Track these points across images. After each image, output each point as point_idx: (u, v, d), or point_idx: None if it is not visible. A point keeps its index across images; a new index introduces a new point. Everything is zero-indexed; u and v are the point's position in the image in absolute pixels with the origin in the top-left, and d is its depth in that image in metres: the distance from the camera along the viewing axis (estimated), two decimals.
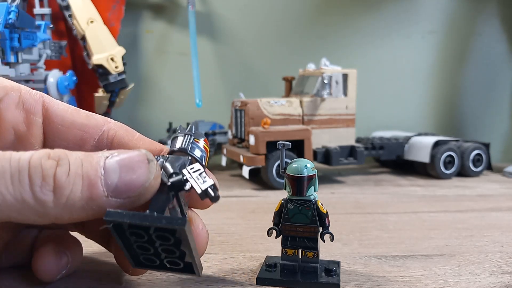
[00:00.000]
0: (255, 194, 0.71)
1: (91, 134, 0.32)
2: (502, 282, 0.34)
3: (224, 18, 1.05)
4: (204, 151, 0.32)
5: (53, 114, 0.32)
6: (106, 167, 0.26)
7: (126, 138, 0.33)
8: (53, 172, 0.25)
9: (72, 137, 0.32)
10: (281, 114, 0.79)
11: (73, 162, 0.26)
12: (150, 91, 1.04)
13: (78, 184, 0.25)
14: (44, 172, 0.25)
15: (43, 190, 0.25)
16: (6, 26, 0.66)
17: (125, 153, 0.27)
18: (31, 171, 0.25)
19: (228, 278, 0.36)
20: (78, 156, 0.26)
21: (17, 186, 0.24)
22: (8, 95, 0.30)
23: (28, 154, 0.25)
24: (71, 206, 0.25)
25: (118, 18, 0.91)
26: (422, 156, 0.84)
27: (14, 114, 0.30)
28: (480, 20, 1.12)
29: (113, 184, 0.26)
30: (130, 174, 0.26)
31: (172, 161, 0.30)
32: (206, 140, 0.32)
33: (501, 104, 1.14)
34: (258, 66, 1.07)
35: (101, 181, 0.26)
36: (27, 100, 0.31)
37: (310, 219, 0.35)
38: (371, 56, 1.09)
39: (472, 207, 0.60)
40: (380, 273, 0.36)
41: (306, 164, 0.34)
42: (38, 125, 0.31)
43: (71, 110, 0.32)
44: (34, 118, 0.31)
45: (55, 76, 0.77)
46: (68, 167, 0.25)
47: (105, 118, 0.34)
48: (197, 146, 0.31)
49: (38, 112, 0.31)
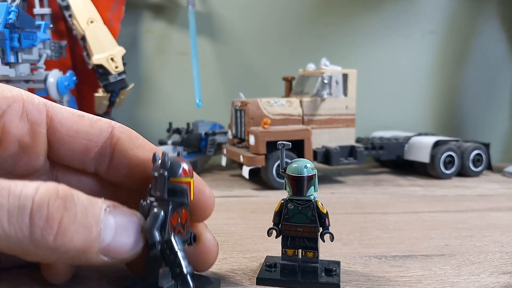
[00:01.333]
0: (255, 194, 0.71)
1: (95, 142, 0.32)
2: (502, 282, 0.34)
3: (224, 18, 1.05)
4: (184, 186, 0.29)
5: (58, 124, 0.31)
6: (104, 223, 0.26)
7: (127, 146, 0.32)
8: (60, 217, 0.24)
9: (77, 146, 0.31)
10: (281, 114, 0.79)
11: (80, 208, 0.25)
12: (150, 91, 1.04)
13: (80, 234, 0.24)
14: (50, 215, 0.23)
15: (44, 233, 0.23)
16: (6, 26, 0.66)
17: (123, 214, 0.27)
18: (35, 210, 0.23)
19: (228, 278, 0.36)
20: (83, 201, 0.25)
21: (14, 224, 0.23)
22: (11, 107, 0.29)
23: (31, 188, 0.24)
24: (64, 252, 0.24)
25: (118, 18, 0.91)
26: (422, 156, 0.84)
27: (18, 126, 0.29)
28: (480, 20, 1.12)
29: (105, 243, 0.26)
30: (123, 238, 0.27)
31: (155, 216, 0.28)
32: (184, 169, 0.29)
33: (501, 104, 1.14)
34: (258, 66, 1.07)
35: (99, 236, 0.26)
36: (31, 111, 0.30)
37: (310, 219, 0.35)
38: (371, 56, 1.09)
39: (472, 207, 0.60)
40: (380, 273, 0.36)
41: (306, 164, 0.34)
42: (42, 136, 0.31)
43: (75, 118, 0.32)
44: (38, 129, 0.30)
45: (55, 76, 0.77)
46: (75, 213, 0.24)
47: (109, 123, 0.33)
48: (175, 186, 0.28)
49: (43, 122, 0.31)
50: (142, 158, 0.32)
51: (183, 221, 0.30)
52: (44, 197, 0.24)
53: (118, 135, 0.32)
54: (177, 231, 0.29)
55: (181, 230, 0.30)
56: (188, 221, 0.31)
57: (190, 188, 0.29)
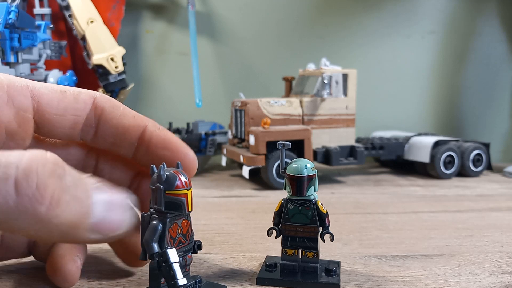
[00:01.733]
0: (255, 194, 0.71)
1: (82, 116, 0.32)
2: (502, 282, 0.34)
3: (224, 18, 1.05)
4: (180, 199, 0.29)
5: (45, 105, 0.30)
6: (94, 198, 0.26)
7: (112, 115, 0.32)
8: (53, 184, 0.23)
9: (67, 123, 0.31)
10: (281, 114, 0.79)
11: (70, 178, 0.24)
12: (150, 91, 1.05)
13: (72, 207, 0.24)
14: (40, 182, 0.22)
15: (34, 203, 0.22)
16: (6, 26, 0.66)
17: (114, 190, 0.27)
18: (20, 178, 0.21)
19: (228, 278, 0.36)
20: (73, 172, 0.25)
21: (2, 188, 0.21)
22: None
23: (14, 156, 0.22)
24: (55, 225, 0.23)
25: (118, 18, 0.91)
26: (422, 156, 0.84)
27: (4, 114, 0.29)
28: (480, 20, 1.12)
29: (96, 219, 0.25)
30: (115, 215, 0.27)
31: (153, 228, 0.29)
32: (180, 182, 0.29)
33: (501, 104, 1.14)
34: (258, 66, 1.07)
35: (91, 212, 0.25)
36: (16, 97, 0.29)
37: (310, 219, 0.35)
38: (371, 56, 1.09)
39: (472, 207, 0.60)
40: (380, 273, 0.36)
41: (306, 164, 0.34)
42: (29, 120, 0.30)
43: (59, 96, 0.31)
44: (25, 114, 0.30)
45: (55, 76, 0.77)
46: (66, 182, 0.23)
47: (90, 93, 0.33)
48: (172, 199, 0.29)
49: (29, 108, 0.30)
50: (127, 126, 0.32)
51: (184, 231, 0.30)
52: (31, 163, 0.22)
53: (102, 105, 0.32)
54: (177, 241, 0.30)
55: (183, 240, 0.30)
56: (190, 231, 0.31)
57: (187, 199, 0.29)
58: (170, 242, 0.29)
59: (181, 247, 0.30)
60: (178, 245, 0.30)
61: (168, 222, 0.29)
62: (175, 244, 0.29)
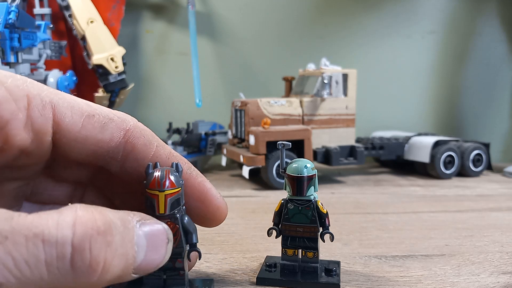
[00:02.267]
0: (255, 194, 0.71)
1: (106, 148, 0.30)
2: (502, 282, 0.34)
3: (224, 18, 1.05)
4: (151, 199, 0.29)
5: (65, 130, 0.28)
6: (137, 242, 0.25)
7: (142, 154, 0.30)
8: (104, 256, 0.22)
9: (85, 151, 0.29)
10: (281, 114, 0.79)
11: (118, 239, 0.23)
12: (150, 91, 1.04)
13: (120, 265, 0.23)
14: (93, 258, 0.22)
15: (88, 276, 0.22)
16: (6, 26, 0.66)
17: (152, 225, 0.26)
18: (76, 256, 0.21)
19: (228, 278, 0.36)
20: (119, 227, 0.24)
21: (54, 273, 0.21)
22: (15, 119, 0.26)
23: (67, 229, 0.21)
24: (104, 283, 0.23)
25: (118, 18, 0.91)
26: (422, 156, 0.84)
27: (22, 137, 0.26)
28: (480, 20, 1.12)
29: (138, 263, 0.25)
30: (154, 254, 0.26)
31: None
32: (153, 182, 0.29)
33: (501, 104, 1.14)
34: (258, 66, 1.07)
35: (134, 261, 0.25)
36: (36, 119, 0.27)
37: (310, 219, 0.35)
38: (371, 56, 1.09)
39: (472, 207, 0.60)
40: (380, 273, 0.36)
41: (306, 164, 0.34)
42: (47, 143, 0.28)
43: (84, 122, 0.29)
44: (43, 138, 0.28)
45: (55, 76, 0.77)
46: (116, 246, 0.23)
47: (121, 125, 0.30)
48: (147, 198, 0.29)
49: (48, 131, 0.28)
50: None
51: None
52: (84, 238, 0.22)
53: (133, 141, 0.30)
54: None
55: None
56: (179, 235, 0.30)
57: (157, 200, 0.29)
58: None
59: None
60: None
61: None
62: None
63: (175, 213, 0.30)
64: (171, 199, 0.29)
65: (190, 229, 0.30)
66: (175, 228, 0.30)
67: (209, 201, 0.32)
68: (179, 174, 0.30)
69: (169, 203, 0.29)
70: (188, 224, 0.30)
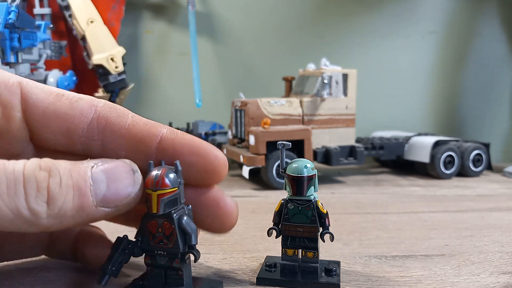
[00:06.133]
0: (255, 194, 0.71)
1: (78, 124, 0.30)
2: (502, 282, 0.34)
3: (224, 18, 1.05)
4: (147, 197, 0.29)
5: (33, 106, 0.29)
6: (93, 177, 0.27)
7: (118, 126, 0.30)
8: (47, 184, 0.25)
9: (57, 129, 0.30)
10: (281, 114, 0.79)
11: (63, 173, 0.26)
12: (150, 91, 1.04)
13: (70, 195, 0.26)
14: (38, 183, 0.25)
15: (38, 201, 0.25)
16: (6, 26, 0.66)
17: (110, 163, 0.28)
18: (26, 182, 0.25)
19: (228, 278, 0.36)
20: (66, 166, 0.26)
21: (13, 197, 0.24)
22: None
23: (20, 164, 0.25)
24: (63, 215, 0.26)
25: (118, 18, 0.91)
26: (422, 156, 0.84)
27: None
28: (480, 21, 1.12)
29: (101, 194, 0.27)
30: (117, 184, 0.27)
31: None
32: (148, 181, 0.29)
33: (501, 104, 1.14)
34: (258, 66, 1.07)
35: (91, 191, 0.26)
36: (2, 92, 0.28)
37: (310, 219, 0.35)
38: (371, 56, 1.09)
39: (472, 207, 0.60)
40: (380, 273, 0.36)
41: (306, 164, 0.34)
42: (17, 120, 0.29)
43: (52, 98, 0.30)
44: (12, 112, 0.29)
45: (55, 76, 0.77)
46: (59, 178, 0.25)
47: (91, 102, 0.30)
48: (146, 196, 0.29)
49: (16, 106, 0.29)
50: (139, 136, 0.30)
51: (166, 233, 0.30)
52: (31, 169, 0.25)
53: (105, 115, 0.30)
54: (157, 239, 0.30)
55: (164, 241, 0.30)
56: (175, 236, 0.30)
57: (151, 199, 0.29)
58: (149, 236, 0.30)
59: (162, 246, 0.30)
60: (158, 242, 0.30)
61: (146, 216, 0.30)
62: (155, 241, 0.30)
63: (172, 212, 0.29)
64: (165, 199, 0.29)
65: (188, 230, 0.30)
66: (171, 228, 0.30)
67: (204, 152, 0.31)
68: (177, 174, 0.29)
69: (162, 203, 0.29)
70: (186, 224, 0.30)
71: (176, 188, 0.29)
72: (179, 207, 0.30)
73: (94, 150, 0.31)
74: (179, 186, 0.30)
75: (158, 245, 0.30)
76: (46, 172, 0.25)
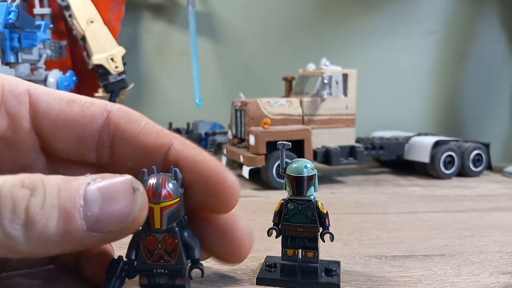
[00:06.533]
0: (255, 194, 0.71)
1: (89, 131, 0.28)
2: (502, 282, 0.34)
3: (224, 18, 1.05)
4: None
5: (43, 115, 0.27)
6: (86, 197, 0.23)
7: (128, 132, 0.28)
8: (26, 204, 0.22)
9: (68, 138, 0.28)
10: (281, 114, 0.79)
11: (49, 191, 0.22)
12: (150, 91, 1.04)
13: (53, 218, 0.22)
14: (15, 203, 0.21)
15: (13, 224, 0.21)
16: (6, 26, 0.66)
17: (110, 179, 0.24)
18: (2, 201, 0.21)
19: (228, 278, 0.36)
20: (56, 183, 0.23)
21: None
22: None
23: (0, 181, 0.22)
24: (46, 241, 0.22)
25: (118, 18, 0.91)
26: (422, 156, 0.84)
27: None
28: (480, 21, 1.12)
29: (93, 217, 0.23)
30: (112, 205, 0.23)
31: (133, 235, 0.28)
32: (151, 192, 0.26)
33: (501, 104, 1.14)
34: (258, 66, 1.07)
35: (80, 213, 0.23)
36: (9, 102, 0.26)
37: (310, 219, 0.34)
38: (371, 56, 1.09)
39: (472, 207, 0.60)
40: (380, 273, 0.36)
41: (306, 164, 0.34)
42: (25, 130, 0.27)
43: (63, 105, 0.28)
44: (20, 123, 0.27)
45: (55, 76, 0.77)
46: (43, 197, 0.22)
47: (104, 106, 0.29)
48: None
49: (24, 116, 0.27)
50: (147, 145, 0.28)
51: (168, 249, 0.28)
52: (9, 187, 0.22)
53: (116, 120, 0.28)
54: (156, 256, 0.28)
55: (165, 257, 0.28)
56: (178, 251, 0.28)
57: (152, 214, 0.26)
58: (147, 254, 0.27)
59: (163, 264, 0.28)
60: (158, 260, 0.28)
61: (142, 232, 0.27)
62: (153, 258, 0.27)
63: (174, 226, 0.27)
64: (168, 212, 0.26)
65: (191, 244, 0.28)
66: (174, 243, 0.27)
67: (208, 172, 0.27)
68: (177, 182, 0.27)
69: (165, 216, 0.26)
70: (189, 237, 0.28)
71: (179, 199, 0.26)
72: (180, 218, 0.27)
73: (104, 159, 0.29)
74: (181, 196, 0.27)
75: (157, 263, 0.28)
76: (28, 190, 0.22)
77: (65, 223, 0.22)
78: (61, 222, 0.22)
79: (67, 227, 0.22)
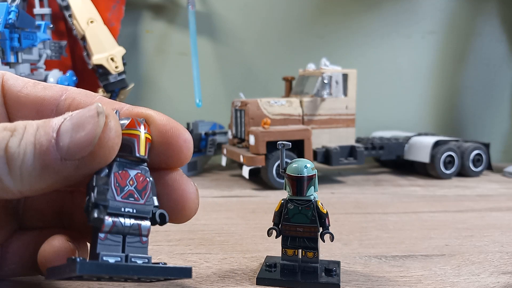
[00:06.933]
0: (255, 194, 0.71)
1: (47, 106, 0.30)
2: (502, 282, 0.34)
3: (224, 18, 1.05)
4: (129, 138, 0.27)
5: (11, 92, 0.30)
6: (60, 130, 0.25)
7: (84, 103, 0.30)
8: (5, 144, 0.24)
9: (28, 111, 0.30)
10: (281, 114, 0.79)
11: (28, 130, 0.25)
12: (150, 91, 1.04)
13: (29, 153, 0.24)
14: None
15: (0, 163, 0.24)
16: (6, 26, 0.66)
17: (79, 110, 0.26)
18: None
19: (228, 278, 0.36)
20: (36, 124, 0.25)
21: None
22: None
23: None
24: (28, 176, 0.24)
25: (118, 18, 0.91)
26: (422, 156, 0.84)
27: None
28: (480, 20, 1.12)
29: (65, 146, 0.25)
30: (80, 132, 0.25)
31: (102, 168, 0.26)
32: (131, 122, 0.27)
33: (501, 104, 1.14)
34: (258, 66, 1.07)
35: (53, 145, 0.25)
36: None
37: (310, 219, 0.35)
38: (371, 56, 1.09)
39: (472, 207, 0.60)
40: (380, 273, 0.36)
41: (306, 164, 0.34)
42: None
43: (29, 85, 0.31)
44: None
45: (55, 76, 0.77)
46: (21, 136, 0.24)
47: (63, 87, 0.31)
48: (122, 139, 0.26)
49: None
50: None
51: (139, 187, 0.27)
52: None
53: (73, 96, 0.30)
54: (126, 193, 0.27)
55: (135, 195, 0.27)
56: (148, 191, 0.27)
57: (138, 141, 0.27)
58: (117, 189, 0.26)
59: (132, 202, 0.27)
60: (127, 198, 0.27)
61: (115, 165, 0.27)
62: (123, 195, 0.26)
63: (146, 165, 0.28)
64: (149, 146, 0.28)
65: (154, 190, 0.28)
66: (145, 182, 0.27)
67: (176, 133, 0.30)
68: None
69: (148, 148, 0.27)
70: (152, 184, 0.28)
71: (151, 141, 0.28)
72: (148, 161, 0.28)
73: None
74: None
75: (127, 200, 0.27)
76: (9, 132, 0.24)
77: (42, 156, 0.24)
78: (37, 156, 0.24)
79: (43, 160, 0.24)
